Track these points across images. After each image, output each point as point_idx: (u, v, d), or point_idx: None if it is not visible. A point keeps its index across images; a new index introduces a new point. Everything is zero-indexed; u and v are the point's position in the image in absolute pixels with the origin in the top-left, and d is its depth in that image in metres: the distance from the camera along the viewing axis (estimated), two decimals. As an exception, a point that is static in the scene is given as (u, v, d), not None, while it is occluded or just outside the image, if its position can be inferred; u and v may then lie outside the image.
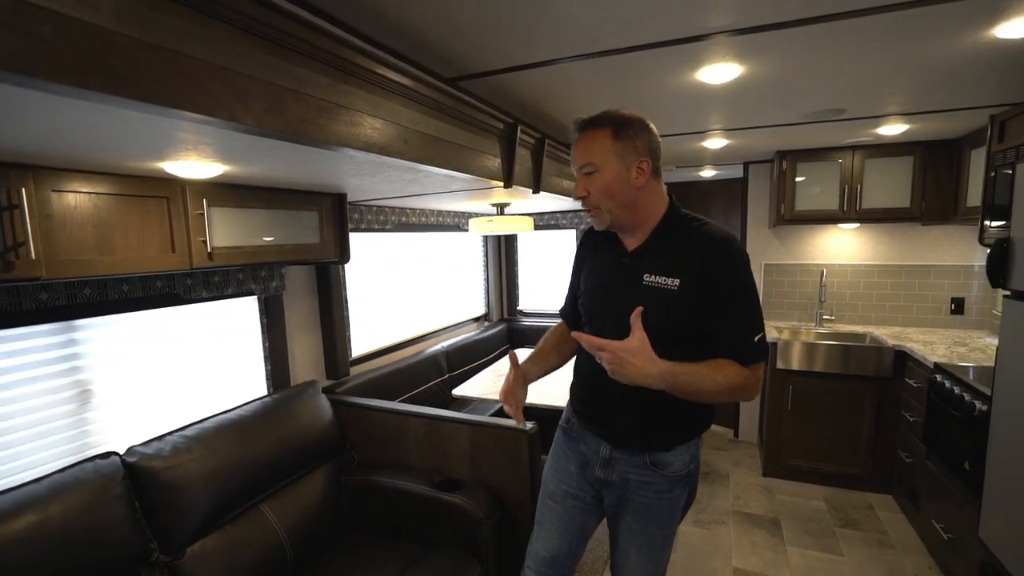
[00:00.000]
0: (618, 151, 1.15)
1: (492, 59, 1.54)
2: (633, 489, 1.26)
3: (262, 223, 1.73)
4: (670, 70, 1.63)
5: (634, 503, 1.27)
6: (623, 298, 1.18)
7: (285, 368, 2.17)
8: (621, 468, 1.27)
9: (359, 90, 1.14)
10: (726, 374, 1.11)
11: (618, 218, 1.20)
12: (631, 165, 1.15)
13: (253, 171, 1.42)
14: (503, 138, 1.80)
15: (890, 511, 2.77)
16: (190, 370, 1.86)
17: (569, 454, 1.38)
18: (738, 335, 1.13)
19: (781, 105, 2.09)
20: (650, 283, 1.16)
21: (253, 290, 1.97)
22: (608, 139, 1.15)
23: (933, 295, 3.27)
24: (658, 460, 1.23)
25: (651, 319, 1.09)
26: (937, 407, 2.28)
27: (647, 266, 1.18)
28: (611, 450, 1.27)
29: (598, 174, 1.16)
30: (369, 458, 2.13)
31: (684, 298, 1.12)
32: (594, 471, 1.31)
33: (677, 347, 1.11)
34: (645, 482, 1.25)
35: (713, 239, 1.15)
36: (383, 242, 2.94)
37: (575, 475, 1.36)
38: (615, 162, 1.15)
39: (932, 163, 2.91)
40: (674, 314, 1.13)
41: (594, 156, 1.16)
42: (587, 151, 1.17)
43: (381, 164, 1.38)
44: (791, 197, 3.24)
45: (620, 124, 1.15)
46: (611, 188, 1.16)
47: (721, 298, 1.12)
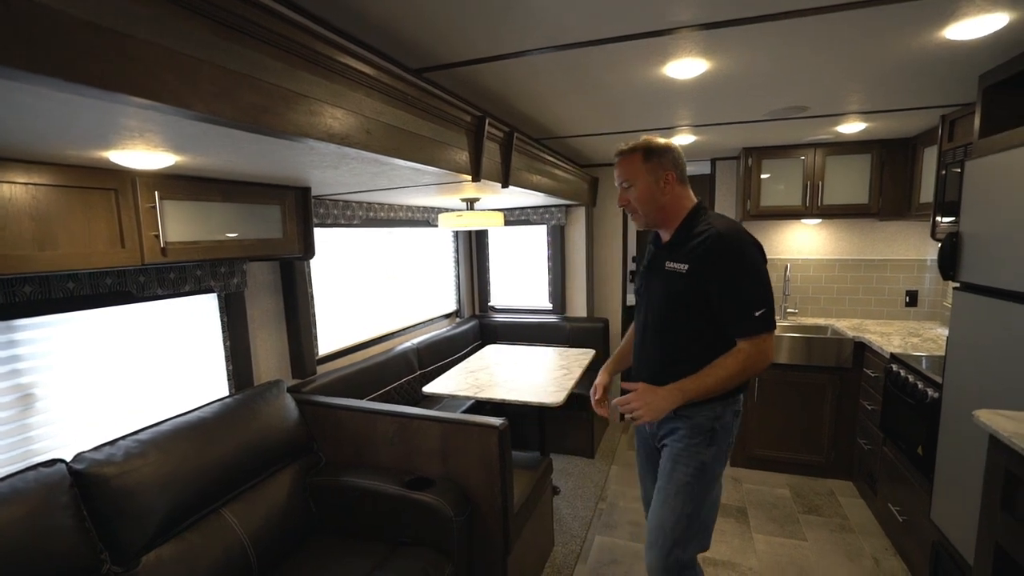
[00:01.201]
0: (648, 168, 1.48)
1: (458, 50, 1.52)
2: (665, 436, 1.55)
3: (221, 217, 1.66)
4: (637, 64, 1.63)
5: (666, 449, 1.54)
6: (653, 281, 1.55)
7: (248, 368, 2.10)
8: (663, 421, 1.54)
9: (319, 78, 1.10)
10: (725, 365, 1.39)
11: (651, 218, 1.53)
12: (660, 178, 1.47)
13: (208, 162, 1.36)
14: (471, 131, 1.78)
15: (850, 496, 2.88)
16: (146, 372, 1.78)
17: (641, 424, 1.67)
18: (737, 311, 1.39)
19: (747, 102, 2.13)
20: (669, 268, 1.48)
21: (213, 287, 1.90)
22: (640, 160, 1.48)
23: (889, 288, 3.39)
24: (683, 411, 1.48)
25: (667, 294, 1.48)
26: (893, 395, 2.37)
27: (669, 255, 1.50)
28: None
29: (634, 188, 1.50)
30: (337, 458, 2.08)
31: (689, 279, 1.42)
32: (646, 427, 1.62)
33: (687, 316, 1.45)
34: (675, 428, 1.52)
35: (713, 233, 1.41)
36: (351, 237, 2.88)
37: (642, 440, 1.71)
38: (647, 177, 1.48)
39: (888, 161, 3.02)
40: (682, 290, 1.44)
41: (629, 175, 1.50)
42: (624, 171, 1.51)
43: (344, 156, 1.34)
44: (757, 193, 3.31)
45: (649, 149, 1.48)
46: (644, 197, 1.49)
47: (718, 280, 1.39)
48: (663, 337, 1.52)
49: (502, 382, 2.66)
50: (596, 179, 3.89)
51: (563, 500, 2.89)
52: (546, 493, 2.36)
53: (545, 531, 2.36)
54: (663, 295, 1.50)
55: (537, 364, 2.97)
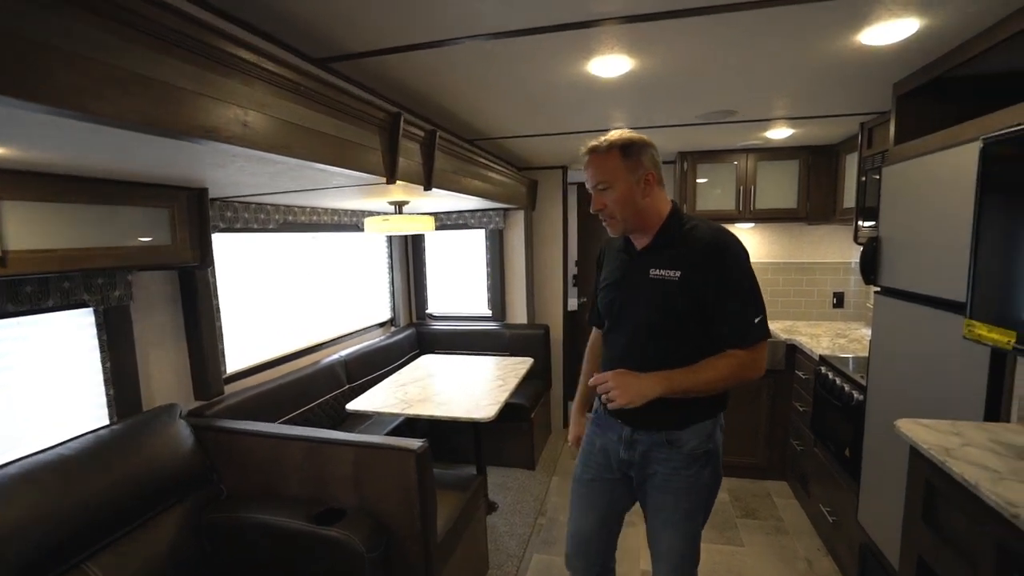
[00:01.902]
0: (628, 168, 1.30)
1: (365, 38, 1.38)
2: (654, 466, 1.39)
3: (88, 222, 1.44)
4: (560, 60, 1.54)
5: (655, 478, 1.39)
6: (634, 291, 1.38)
7: (135, 392, 1.85)
8: (642, 447, 1.39)
9: (179, 61, 0.92)
10: (716, 366, 1.28)
11: (631, 224, 1.35)
12: (639, 179, 1.30)
13: (53, 156, 1.15)
14: (384, 129, 1.63)
15: (785, 497, 2.91)
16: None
17: (595, 441, 1.52)
18: (735, 318, 1.28)
19: (677, 104, 2.09)
20: (655, 276, 1.33)
21: (86, 301, 1.65)
22: (618, 159, 1.30)
23: (818, 290, 3.50)
24: (674, 438, 1.36)
25: (658, 305, 1.32)
26: (822, 397, 2.40)
27: (653, 261, 1.34)
28: (632, 431, 1.40)
29: (611, 190, 1.31)
30: (242, 490, 1.87)
31: (683, 286, 1.29)
32: (619, 453, 1.43)
33: (680, 326, 1.31)
34: (664, 459, 1.37)
35: (707, 235, 1.31)
36: (268, 243, 2.65)
37: (600, 461, 1.49)
38: (625, 177, 1.30)
39: (815, 167, 3.10)
40: (676, 300, 1.29)
41: (607, 175, 1.31)
42: (600, 170, 1.32)
43: (224, 153, 1.16)
44: (693, 197, 3.33)
45: (627, 145, 1.30)
46: (623, 199, 1.31)
47: (716, 286, 1.27)
48: (653, 352, 1.34)
49: (433, 396, 2.52)
50: (535, 182, 3.81)
51: (500, 517, 2.77)
52: (478, 513, 2.23)
53: (478, 554, 2.23)
54: (652, 306, 1.33)
55: (473, 375, 2.84)
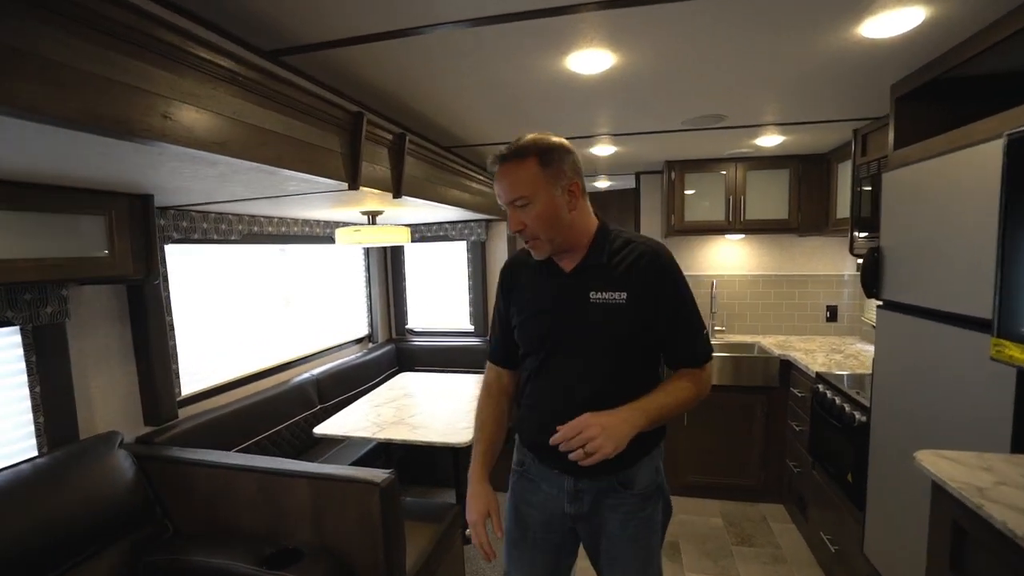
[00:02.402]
0: (547, 178, 1.09)
1: (319, 27, 1.24)
2: (606, 515, 1.22)
3: (4, 229, 1.28)
4: (537, 54, 1.42)
5: (608, 529, 1.22)
6: (572, 318, 1.17)
7: (71, 418, 1.67)
8: (590, 498, 1.22)
9: (77, 40, 0.78)
10: (681, 387, 1.15)
11: (559, 244, 1.16)
12: (563, 190, 1.11)
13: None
14: (345, 129, 1.50)
15: (782, 522, 2.76)
16: (-99, 434, 1.34)
17: (530, 499, 1.29)
18: (688, 340, 1.18)
19: (663, 107, 1.98)
20: (597, 300, 1.15)
21: (10, 319, 1.48)
22: (535, 168, 1.09)
23: (811, 303, 3.39)
24: (625, 479, 1.20)
25: (605, 333, 1.14)
26: (820, 417, 2.27)
27: (591, 283, 1.16)
28: (575, 481, 1.21)
29: (531, 206, 1.10)
30: (190, 526, 1.69)
31: (633, 309, 1.13)
32: (562, 508, 1.24)
33: (632, 356, 1.16)
34: (616, 505, 1.21)
35: (649, 252, 1.16)
36: (232, 256, 2.49)
37: (539, 519, 1.28)
38: (546, 189, 1.10)
39: (805, 176, 3.01)
40: (626, 325, 1.14)
41: (524, 188, 1.10)
42: (515, 184, 1.10)
43: (142, 151, 1.01)
44: (680, 207, 3.23)
45: (544, 151, 1.09)
46: (547, 216, 1.11)
47: (667, 308, 1.15)
48: (602, 386, 1.15)
49: (408, 418, 2.35)
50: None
51: (482, 547, 2.58)
52: (455, 546, 2.05)
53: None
54: (597, 335, 1.14)
55: (452, 395, 2.68)
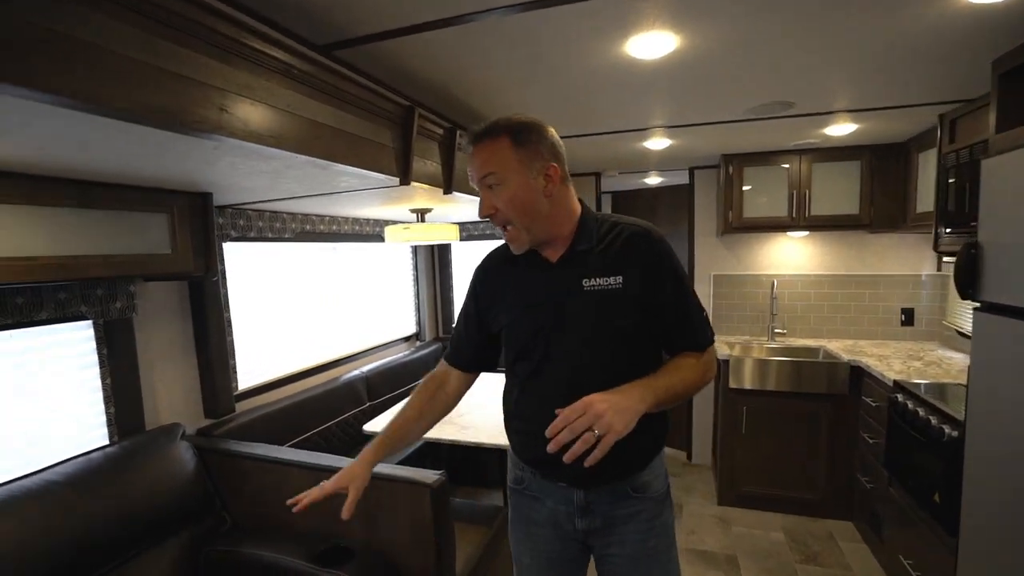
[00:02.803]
0: (521, 159, 1.02)
1: (369, 17, 1.22)
2: (620, 527, 1.12)
3: (77, 227, 1.33)
4: (596, 39, 1.35)
5: (628, 543, 1.13)
6: (565, 310, 1.07)
7: (138, 410, 1.74)
8: (603, 509, 1.12)
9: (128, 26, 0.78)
10: (687, 365, 1.08)
11: (536, 234, 1.07)
12: (538, 173, 1.03)
13: (17, 151, 1.03)
14: (396, 124, 1.48)
15: (852, 541, 2.56)
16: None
17: (535, 518, 1.20)
18: (692, 322, 1.10)
19: (725, 95, 1.86)
20: (592, 287, 1.06)
21: (84, 313, 1.55)
22: (508, 148, 1.01)
23: (883, 306, 3.14)
24: (638, 484, 1.12)
25: (603, 322, 1.05)
26: (899, 429, 2.07)
27: (583, 271, 1.07)
28: (586, 494, 1.12)
29: (503, 187, 1.03)
30: (247, 520, 1.72)
31: (630, 294, 1.05)
32: (573, 524, 1.14)
33: (635, 345, 1.08)
34: (632, 514, 1.12)
35: (642, 233, 1.08)
36: (286, 253, 2.54)
37: (551, 537, 1.18)
38: (520, 171, 1.02)
39: (880, 168, 2.78)
40: (625, 312, 1.06)
41: (495, 166, 1.02)
42: (486, 162, 1.03)
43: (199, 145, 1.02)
44: (739, 203, 3.06)
45: (518, 130, 1.02)
46: (520, 200, 1.03)
47: (668, 291, 1.07)
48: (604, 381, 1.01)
49: (457, 417, 2.32)
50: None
51: (530, 551, 2.53)
52: (505, 550, 2.00)
53: (503, 597, 2.01)
54: (595, 324, 1.05)
55: (500, 394, 2.63)
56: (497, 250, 1.22)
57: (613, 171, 3.48)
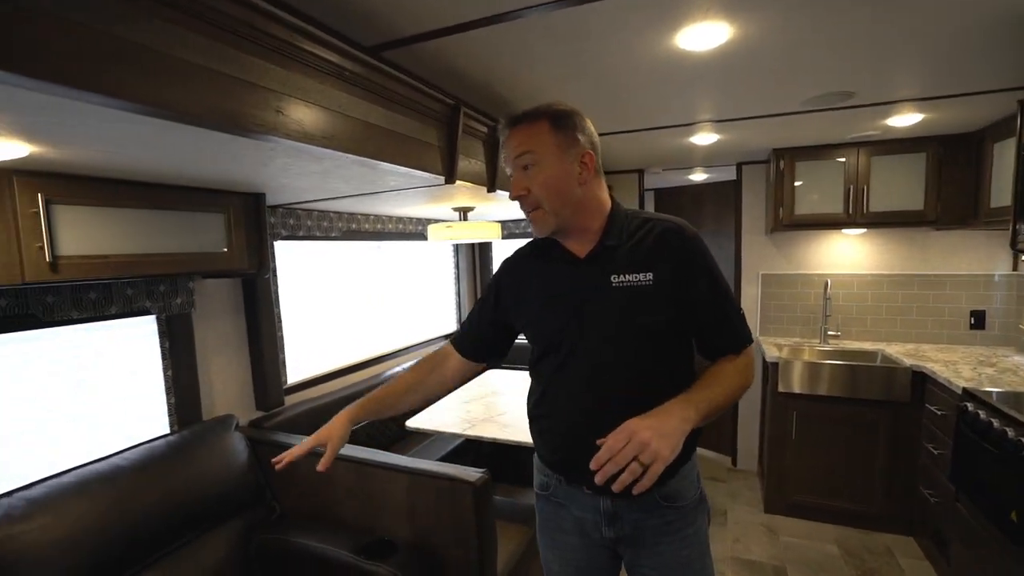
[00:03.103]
0: (559, 143, 1.01)
1: (416, 17, 1.23)
2: (651, 538, 1.09)
3: (142, 227, 1.40)
4: (642, 31, 1.31)
5: (659, 556, 1.09)
6: (593, 307, 1.05)
7: (196, 401, 1.82)
8: (631, 518, 1.08)
9: (194, 34, 0.81)
10: (727, 373, 1.04)
11: (565, 220, 1.05)
12: (574, 159, 1.02)
13: (91, 156, 1.09)
14: (442, 123, 1.49)
15: (912, 557, 2.41)
16: (62, 410, 1.52)
17: (563, 525, 1.17)
18: (731, 322, 1.07)
19: (780, 86, 1.78)
20: (620, 283, 1.03)
21: (149, 308, 1.64)
22: (547, 131, 1.01)
23: (950, 308, 2.94)
24: (668, 493, 1.07)
25: (627, 319, 1.03)
26: (969, 441, 1.94)
27: (611, 267, 1.04)
28: (612, 501, 1.08)
29: (538, 168, 1.02)
30: (295, 510, 1.78)
31: (661, 291, 1.02)
32: (600, 532, 1.11)
33: (658, 343, 1.04)
34: (663, 524, 1.08)
35: (674, 229, 1.06)
36: (332, 252, 2.61)
37: (578, 545, 1.16)
38: (557, 154, 1.01)
39: (948, 160, 2.60)
40: (653, 309, 1.03)
41: (532, 145, 1.02)
42: (523, 142, 1.02)
43: (256, 146, 1.05)
44: (790, 200, 2.92)
45: (557, 115, 1.02)
46: (554, 183, 1.02)
47: (703, 288, 1.04)
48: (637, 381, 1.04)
49: (498, 416, 2.33)
50: (609, 187, 3.54)
51: (569, 552, 2.51)
52: (544, 551, 1.99)
53: (542, 597, 2.00)
54: (623, 322, 1.03)
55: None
56: (524, 247, 1.20)
57: (657, 168, 3.40)
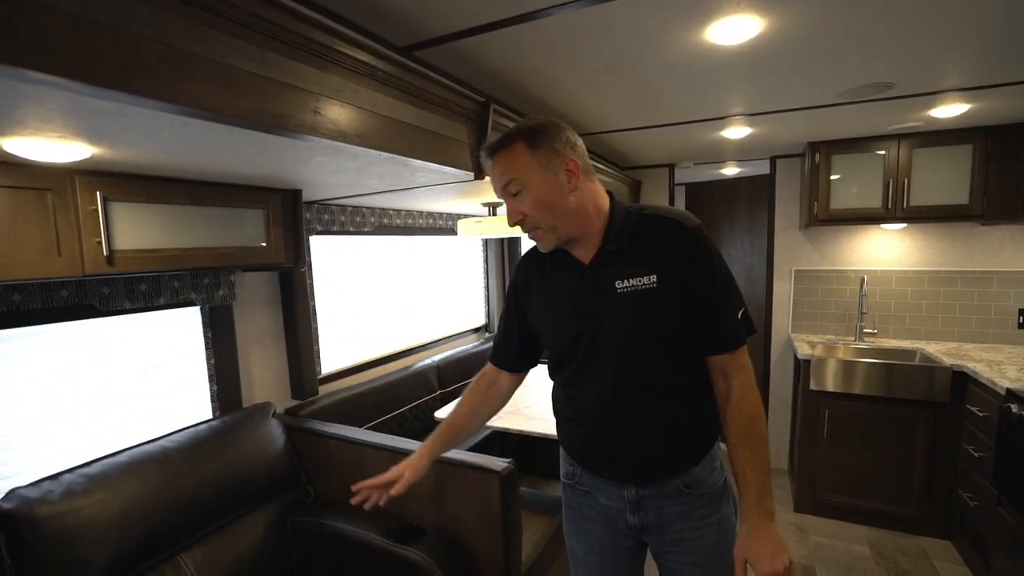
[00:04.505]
0: (539, 160, 1.01)
1: (447, 17, 1.26)
2: (676, 525, 1.10)
3: (188, 222, 1.47)
4: (672, 26, 1.31)
5: (685, 542, 1.11)
6: (601, 315, 1.05)
7: (236, 388, 1.91)
8: (655, 505, 1.11)
9: (240, 40, 0.86)
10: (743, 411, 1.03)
11: (564, 232, 1.05)
12: (558, 170, 1.01)
13: (145, 156, 1.16)
14: (472, 120, 1.51)
15: (950, 562, 2.35)
16: (116, 394, 1.62)
17: (588, 512, 1.20)
18: (727, 316, 1.03)
19: (814, 78, 1.74)
20: (625, 289, 1.03)
21: (194, 300, 1.72)
22: (524, 152, 1.01)
23: (997, 306, 2.82)
24: (690, 480, 1.09)
25: (635, 324, 1.02)
26: (1013, 444, 1.87)
27: (615, 272, 1.04)
28: (636, 489, 1.11)
29: (525, 191, 1.02)
30: (329, 494, 1.85)
31: (666, 292, 1.01)
32: (625, 520, 1.14)
33: (670, 347, 1.03)
34: (686, 511, 1.10)
35: (674, 223, 1.03)
36: (364, 246, 2.68)
37: (603, 533, 1.19)
38: (539, 172, 1.01)
39: (997, 152, 2.49)
40: (661, 312, 1.02)
41: (514, 172, 1.02)
42: (505, 170, 1.03)
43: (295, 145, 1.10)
44: (825, 194, 2.85)
45: (530, 132, 1.02)
46: (544, 201, 1.02)
47: (704, 282, 1.01)
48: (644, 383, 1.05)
49: (524, 408, 2.36)
50: (639, 182, 3.53)
51: (594, 545, 2.53)
52: (569, 542, 2.02)
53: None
54: (631, 330, 1.03)
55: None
56: (533, 250, 1.20)
57: (687, 162, 3.36)
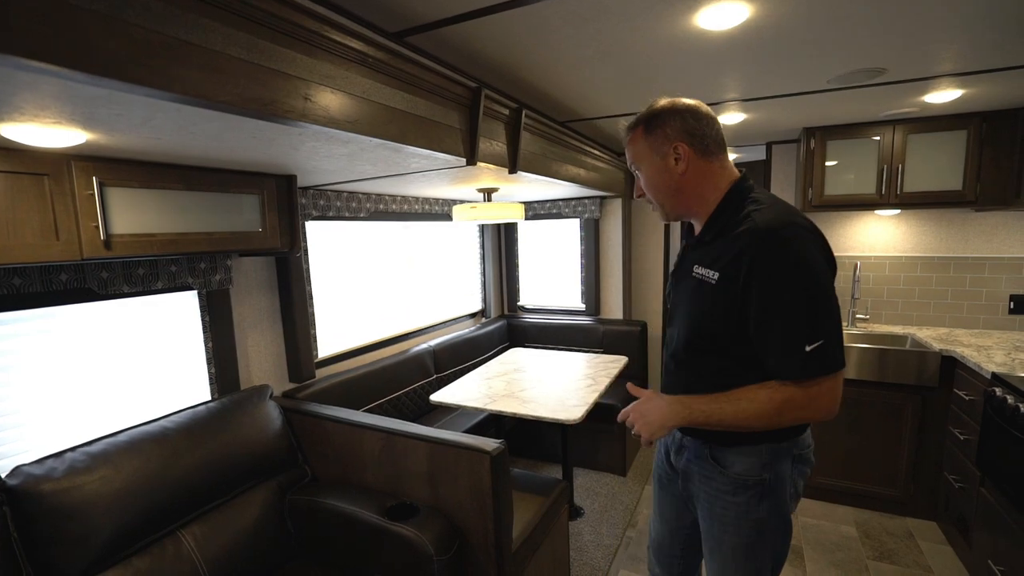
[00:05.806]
0: (651, 144, 1.14)
1: (442, 4, 1.26)
2: (697, 483, 1.21)
3: (184, 207, 1.50)
4: (662, 12, 1.31)
5: (699, 498, 1.22)
6: (679, 290, 1.20)
7: (234, 371, 1.95)
8: (687, 456, 1.22)
9: (230, 28, 0.87)
10: (754, 398, 1.02)
11: (671, 209, 1.19)
12: (667, 154, 1.12)
13: (139, 141, 1.18)
14: (464, 106, 1.52)
15: (934, 541, 2.40)
16: (120, 375, 1.65)
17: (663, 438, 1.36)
18: (782, 341, 0.99)
19: (806, 64, 1.75)
20: (696, 274, 1.12)
21: (191, 284, 1.75)
22: (641, 137, 1.15)
23: (988, 291, 2.84)
24: (719, 455, 1.15)
25: (692, 312, 1.13)
26: (996, 426, 1.91)
27: (698, 256, 1.14)
28: (681, 435, 1.24)
29: (641, 172, 1.18)
30: (324, 474, 1.89)
31: (720, 294, 1.04)
32: (671, 457, 1.30)
33: (715, 344, 1.09)
34: (707, 476, 1.18)
35: (755, 228, 1.01)
36: (360, 232, 2.70)
37: (664, 461, 1.35)
38: (650, 156, 1.14)
39: (990, 138, 2.49)
40: (709, 311, 1.07)
41: (633, 155, 1.18)
42: (630, 153, 1.20)
43: (285, 131, 1.12)
44: (820, 180, 2.86)
45: (650, 118, 1.14)
46: (652, 182, 1.16)
47: (759, 296, 0.99)
48: (686, 368, 1.18)
49: (519, 392, 2.40)
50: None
51: (586, 524, 2.59)
52: (559, 521, 2.07)
53: (558, 566, 2.08)
54: (687, 311, 1.14)
55: (562, 371, 2.68)
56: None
57: (683, 147, 3.36)
